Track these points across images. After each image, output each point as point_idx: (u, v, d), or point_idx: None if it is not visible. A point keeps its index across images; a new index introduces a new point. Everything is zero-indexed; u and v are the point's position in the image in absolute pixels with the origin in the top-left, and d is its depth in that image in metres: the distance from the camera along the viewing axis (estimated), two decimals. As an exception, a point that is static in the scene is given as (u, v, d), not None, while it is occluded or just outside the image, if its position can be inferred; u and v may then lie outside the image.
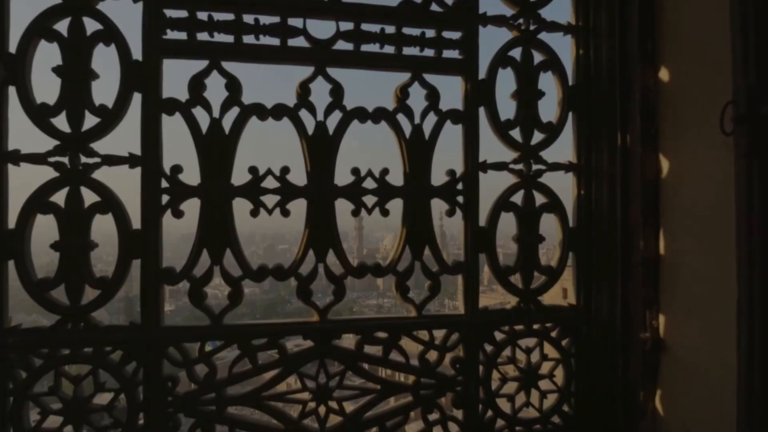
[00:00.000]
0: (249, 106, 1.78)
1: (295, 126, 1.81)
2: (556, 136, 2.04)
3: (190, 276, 1.75)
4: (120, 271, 1.70)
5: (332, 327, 1.82)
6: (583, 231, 2.06)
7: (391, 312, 55.22)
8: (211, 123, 1.75)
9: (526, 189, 2.01)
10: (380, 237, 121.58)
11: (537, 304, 2.03)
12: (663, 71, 1.80)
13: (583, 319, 2.06)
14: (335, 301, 1.85)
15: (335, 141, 1.83)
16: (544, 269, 2.03)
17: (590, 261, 2.06)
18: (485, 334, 1.96)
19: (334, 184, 1.82)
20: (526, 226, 2.01)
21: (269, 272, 1.79)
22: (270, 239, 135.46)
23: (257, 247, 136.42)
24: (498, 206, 1.97)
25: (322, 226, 1.82)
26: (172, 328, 1.75)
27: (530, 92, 2.00)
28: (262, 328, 1.80)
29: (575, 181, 2.09)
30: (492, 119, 1.97)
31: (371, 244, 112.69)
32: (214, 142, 1.75)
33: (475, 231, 1.94)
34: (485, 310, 1.97)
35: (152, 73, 1.71)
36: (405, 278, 1.90)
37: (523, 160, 2.00)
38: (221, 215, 1.75)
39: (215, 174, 1.74)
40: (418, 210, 1.90)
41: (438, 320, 1.93)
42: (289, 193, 1.80)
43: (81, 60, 1.67)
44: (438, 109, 1.91)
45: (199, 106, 1.75)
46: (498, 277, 1.98)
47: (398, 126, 1.88)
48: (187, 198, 1.74)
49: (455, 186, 1.94)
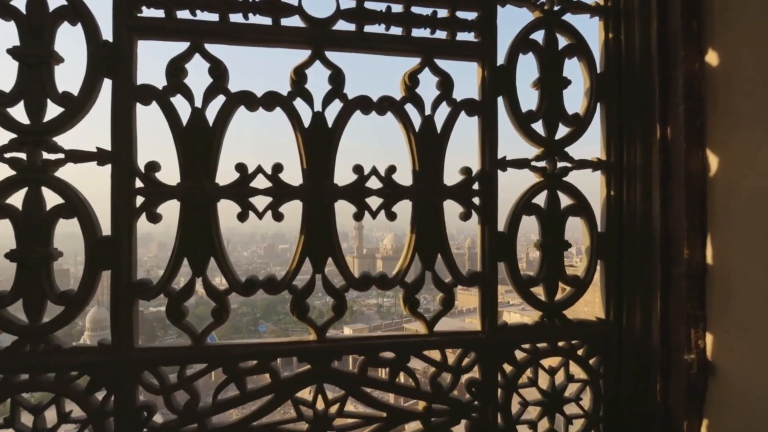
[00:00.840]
0: (236, 94, 1.54)
1: (289, 117, 1.57)
2: (583, 129, 1.80)
3: (168, 290, 1.51)
4: (87, 285, 1.46)
5: (331, 347, 1.58)
6: (614, 236, 1.82)
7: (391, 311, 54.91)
8: (193, 113, 1.51)
9: (550, 189, 1.77)
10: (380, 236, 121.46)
11: (562, 319, 1.79)
12: (711, 54, 1.55)
13: (613, 336, 1.82)
14: (335, 318, 1.61)
15: (335, 134, 1.59)
16: (570, 279, 1.79)
17: (621, 270, 1.82)
18: (505, 353, 1.72)
19: (333, 183, 1.58)
20: (550, 231, 1.77)
21: (259, 285, 1.55)
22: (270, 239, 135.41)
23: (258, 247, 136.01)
24: (519, 208, 1.73)
25: (320, 231, 1.58)
26: (147, 349, 1.50)
27: (554, 80, 1.76)
28: (250, 348, 1.55)
29: (604, 180, 1.85)
30: (512, 110, 1.72)
31: (371, 243, 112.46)
32: (196, 136, 1.51)
33: (493, 236, 1.70)
34: (505, 326, 1.73)
35: (124, 56, 1.47)
36: (414, 291, 1.66)
37: (546, 157, 1.76)
38: (204, 219, 1.51)
39: (197, 172, 1.51)
40: (429, 213, 1.66)
41: (452, 338, 1.69)
42: (282, 193, 1.56)
43: (42, 41, 1.43)
44: (451, 99, 1.67)
45: (178, 94, 1.52)
46: (519, 288, 1.74)
47: (406, 117, 1.64)
48: (164, 200, 1.50)
49: (471, 186, 1.70)
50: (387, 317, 50.91)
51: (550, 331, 1.77)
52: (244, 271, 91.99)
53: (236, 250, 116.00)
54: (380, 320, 44.89)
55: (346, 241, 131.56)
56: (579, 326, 1.81)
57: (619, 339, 1.81)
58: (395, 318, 48.00)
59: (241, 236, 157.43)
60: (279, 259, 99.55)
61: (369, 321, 44.43)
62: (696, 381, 1.56)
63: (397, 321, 41.91)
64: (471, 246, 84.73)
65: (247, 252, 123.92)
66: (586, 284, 1.81)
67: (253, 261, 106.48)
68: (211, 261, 1.54)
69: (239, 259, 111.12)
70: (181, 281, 1.58)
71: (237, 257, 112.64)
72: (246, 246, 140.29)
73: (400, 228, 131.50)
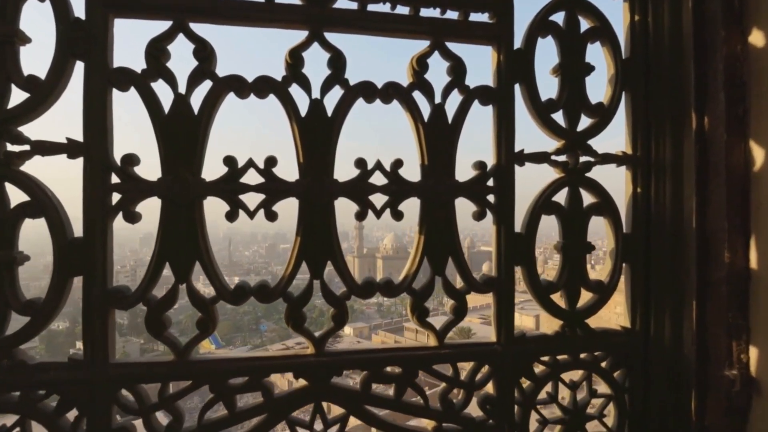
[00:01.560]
0: (224, 78, 1.36)
1: (283, 105, 1.39)
2: (607, 120, 1.61)
3: (148, 298, 1.33)
4: (55, 292, 1.28)
5: (331, 362, 1.40)
6: (640, 238, 1.64)
7: (391, 310, 54.67)
8: (176, 100, 1.33)
9: (571, 186, 1.59)
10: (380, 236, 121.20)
11: (584, 329, 1.61)
12: (755, 35, 1.37)
13: (639, 347, 1.64)
14: (335, 328, 1.43)
15: (335, 124, 1.41)
16: (593, 285, 1.61)
17: (648, 275, 1.64)
18: (522, 366, 1.54)
19: (333, 179, 1.40)
20: (572, 232, 1.59)
21: (250, 293, 1.37)
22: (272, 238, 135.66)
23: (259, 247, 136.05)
24: (538, 207, 1.55)
25: (319, 232, 1.40)
26: (124, 364, 1.32)
27: (576, 66, 1.58)
28: (240, 363, 1.37)
29: (630, 176, 1.67)
30: (530, 99, 1.54)
31: (371, 243, 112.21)
32: (179, 125, 1.33)
33: (510, 238, 1.52)
34: (522, 336, 1.55)
35: (98, 35, 1.29)
36: (423, 298, 1.48)
37: (568, 150, 1.58)
38: (188, 219, 1.33)
39: (181, 166, 1.32)
40: (439, 212, 1.48)
41: (464, 351, 1.51)
42: (276, 190, 1.38)
43: (4, 18, 1.25)
44: (464, 86, 1.49)
45: (160, 78, 1.34)
46: (537, 295, 1.56)
47: (414, 106, 1.46)
48: (144, 197, 1.33)
49: (485, 182, 1.52)
50: (387, 316, 50.75)
51: (571, 341, 1.59)
52: (245, 270, 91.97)
53: (238, 250, 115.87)
54: (380, 319, 44.70)
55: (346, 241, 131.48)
56: (602, 336, 1.63)
57: (646, 350, 1.63)
58: (395, 317, 47.85)
59: (242, 236, 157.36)
60: (280, 259, 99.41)
61: (369, 320, 44.27)
62: (738, 399, 1.38)
63: (397, 320, 41.79)
64: (470, 246, 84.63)
65: (249, 251, 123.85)
66: (611, 290, 1.63)
67: (254, 260, 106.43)
68: (196, 266, 1.36)
69: (241, 258, 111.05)
70: (163, 288, 1.40)
71: (239, 257, 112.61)
72: (247, 246, 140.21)
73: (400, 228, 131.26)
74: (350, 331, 39.27)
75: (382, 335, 40.54)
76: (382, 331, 41.38)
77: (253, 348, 43.64)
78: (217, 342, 46.23)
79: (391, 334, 40.02)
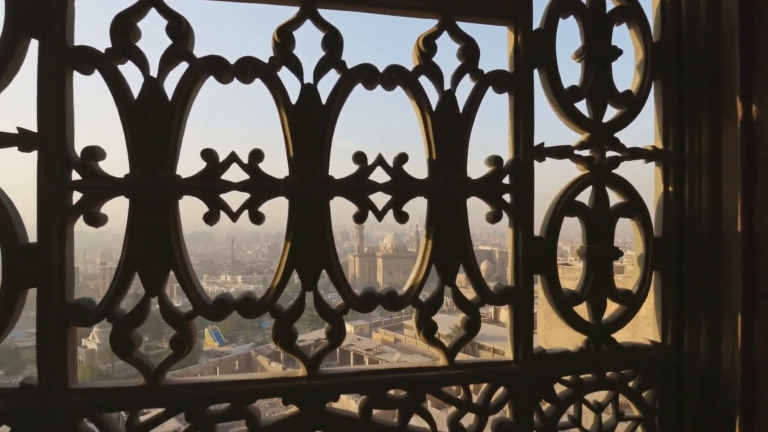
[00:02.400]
0: (203, 60, 1.15)
1: (271, 91, 1.19)
2: (636, 110, 1.41)
3: (113, 313, 1.12)
4: (5, 307, 1.07)
5: (326, 385, 1.20)
6: (673, 242, 1.44)
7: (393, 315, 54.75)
8: (147, 85, 1.13)
9: (596, 184, 1.39)
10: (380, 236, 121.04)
11: (611, 344, 1.41)
12: (814, 9, 1.17)
13: (671, 364, 1.43)
14: (331, 346, 1.23)
15: (330, 113, 1.20)
16: (620, 295, 1.41)
17: (682, 283, 1.43)
18: (542, 387, 1.34)
19: (328, 176, 1.20)
20: (597, 236, 1.39)
21: (232, 306, 1.16)
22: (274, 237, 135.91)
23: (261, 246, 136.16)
24: (560, 208, 1.35)
25: (312, 236, 1.20)
26: (86, 390, 1.12)
27: (602, 50, 1.38)
28: (221, 388, 1.17)
29: (660, 173, 1.46)
30: (551, 85, 1.34)
31: (371, 242, 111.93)
32: (150, 114, 1.13)
33: (529, 242, 1.31)
34: (542, 353, 1.35)
35: (56, 9, 1.09)
36: (430, 311, 1.28)
37: (593, 144, 1.38)
38: (161, 221, 1.13)
39: (152, 161, 1.12)
40: (449, 213, 1.27)
41: (477, 371, 1.30)
42: (262, 188, 1.17)
43: (-55, -12, 1.05)
44: (477, 70, 1.29)
45: (128, 59, 1.13)
46: (559, 307, 1.36)
47: (421, 93, 1.26)
48: (109, 196, 1.12)
49: (501, 179, 1.32)
50: (387, 314, 50.46)
51: (596, 359, 1.39)
52: (248, 269, 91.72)
53: (240, 249, 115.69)
54: (380, 317, 44.43)
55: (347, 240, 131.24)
56: (631, 352, 1.43)
57: (679, 368, 1.43)
58: (395, 315, 47.56)
59: (245, 235, 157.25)
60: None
61: (369, 318, 43.96)
62: (793, 429, 1.18)
63: (396, 318, 41.54)
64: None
65: (251, 251, 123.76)
66: (640, 301, 1.42)
67: (257, 259, 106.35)
68: (170, 275, 1.16)
69: (243, 257, 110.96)
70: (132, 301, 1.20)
71: (241, 256, 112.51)
72: (250, 245, 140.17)
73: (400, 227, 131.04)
74: (351, 328, 39.05)
75: (383, 333, 40.31)
76: (382, 329, 41.15)
77: (256, 345, 43.44)
78: (220, 339, 46.00)
79: (391, 332, 39.79)
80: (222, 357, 39.98)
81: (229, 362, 38.80)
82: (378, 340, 39.40)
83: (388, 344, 38.04)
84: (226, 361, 38.88)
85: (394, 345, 37.86)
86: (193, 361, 38.44)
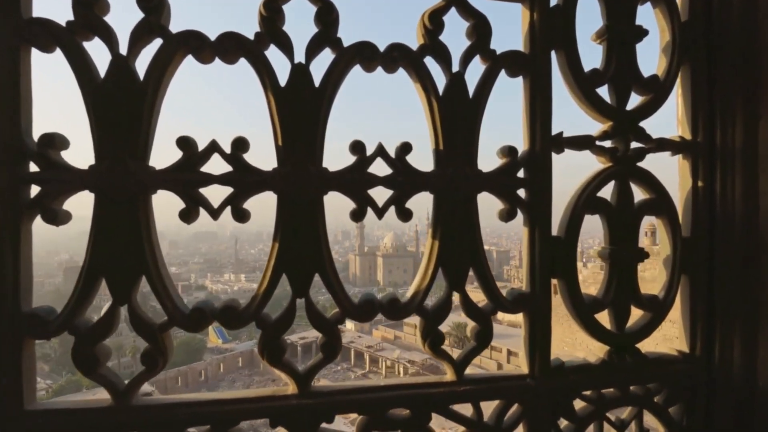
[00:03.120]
0: (178, 36, 0.99)
1: (257, 72, 1.02)
2: (663, 97, 1.25)
3: (75, 324, 0.96)
4: (-50, 317, 0.91)
5: (318, 405, 1.03)
6: (703, 243, 1.27)
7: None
8: (114, 63, 0.96)
9: (620, 178, 1.22)
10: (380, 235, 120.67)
11: (635, 355, 1.24)
12: None
13: (701, 377, 1.27)
14: (324, 361, 1.06)
15: (324, 97, 1.04)
16: (645, 301, 1.24)
17: (713, 288, 1.27)
18: (561, 404, 1.18)
19: (322, 168, 1.04)
20: (621, 236, 1.22)
21: (212, 316, 1.00)
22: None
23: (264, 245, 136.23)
24: (580, 204, 1.18)
25: (303, 236, 1.03)
26: (44, 411, 0.96)
27: (625, 30, 1.22)
28: (200, 409, 1.00)
29: (688, 166, 1.30)
30: (570, 68, 1.18)
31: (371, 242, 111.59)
32: (118, 96, 0.96)
33: (546, 243, 1.15)
34: (561, 367, 1.18)
35: (9, -24, 0.92)
36: (437, 320, 1.11)
37: (616, 134, 1.21)
38: (130, 218, 0.97)
39: (120, 150, 0.96)
40: (458, 210, 1.11)
41: (488, 387, 1.14)
42: (247, 182, 1.01)
43: None
44: (488, 51, 1.13)
45: (94, 35, 0.97)
46: (579, 314, 1.19)
47: (426, 75, 1.09)
48: (71, 190, 0.96)
49: (515, 172, 1.15)
50: (387, 312, 50.01)
51: (620, 371, 1.22)
52: (251, 268, 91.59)
53: (243, 248, 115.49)
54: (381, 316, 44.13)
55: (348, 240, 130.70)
56: (657, 364, 1.26)
57: (709, 381, 1.27)
58: (395, 313, 47.16)
59: (248, 235, 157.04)
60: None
61: (370, 316, 43.57)
62: None
63: (397, 316, 41.21)
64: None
65: (255, 250, 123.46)
66: (667, 307, 1.26)
67: (260, 258, 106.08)
68: (143, 281, 0.99)
69: (247, 256, 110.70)
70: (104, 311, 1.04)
71: (245, 255, 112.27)
72: (253, 244, 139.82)
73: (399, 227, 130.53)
74: (351, 326, 38.86)
75: (383, 330, 40.12)
76: (382, 326, 40.95)
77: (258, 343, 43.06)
78: (224, 336, 45.75)
79: (391, 329, 39.58)
80: (226, 354, 39.76)
81: (233, 359, 38.60)
82: (378, 338, 39.22)
83: (388, 341, 37.88)
84: (229, 357, 38.66)
85: (393, 342, 37.71)
86: (197, 357, 38.24)
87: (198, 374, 35.71)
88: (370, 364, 35.08)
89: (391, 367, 33.15)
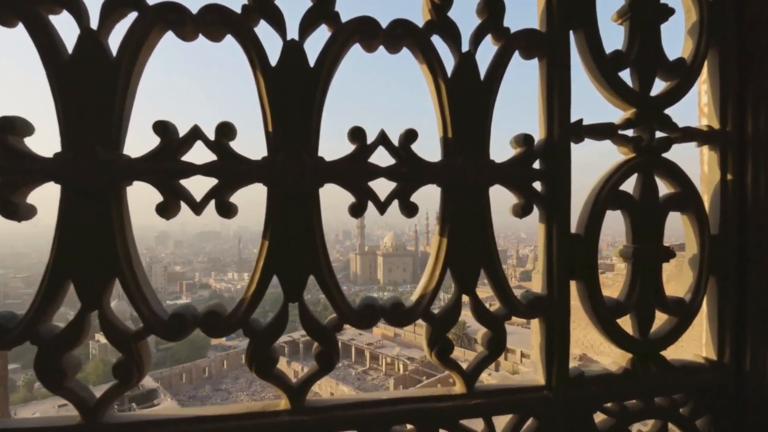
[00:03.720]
0: (155, 8, 0.86)
1: (245, 49, 0.90)
2: (689, 82, 1.12)
3: (38, 332, 0.83)
4: None
5: (313, 421, 0.91)
6: (732, 241, 1.15)
7: (392, 305, 55.01)
8: (83, 38, 0.83)
9: (644, 170, 1.10)
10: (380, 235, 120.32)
11: (660, 364, 1.12)
12: None
13: (730, 386, 1.14)
14: (321, 372, 0.93)
15: (320, 79, 0.91)
16: (670, 305, 1.12)
17: (744, 291, 1.14)
18: (580, 417, 1.05)
19: (318, 157, 0.91)
20: (645, 233, 1.10)
21: (193, 323, 0.87)
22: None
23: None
24: (602, 199, 1.06)
25: (296, 233, 0.91)
26: (6, 430, 0.83)
27: (650, 9, 1.09)
28: (179, 427, 0.87)
29: (716, 158, 1.17)
30: (590, 50, 1.05)
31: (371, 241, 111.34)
32: (88, 76, 0.83)
33: (565, 242, 1.02)
34: (580, 376, 1.05)
35: (-36, -61, 0.80)
36: (445, 326, 0.99)
37: (640, 122, 1.09)
38: (101, 214, 0.84)
39: (89, 137, 0.83)
40: (468, 204, 0.98)
41: (501, 399, 1.01)
42: (234, 172, 0.88)
43: None
44: (502, 29, 1.00)
45: (62, 8, 0.84)
46: (600, 319, 1.07)
47: (434, 55, 0.96)
48: (34, 182, 0.83)
49: (530, 163, 1.03)
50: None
51: (643, 381, 1.10)
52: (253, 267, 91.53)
53: (247, 248, 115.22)
54: (381, 314, 43.88)
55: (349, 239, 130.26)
56: (682, 373, 1.13)
57: (739, 391, 1.14)
58: (395, 311, 47.02)
59: (251, 234, 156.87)
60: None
61: (370, 313, 43.42)
62: None
63: (396, 314, 41.06)
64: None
65: (257, 249, 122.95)
66: (695, 311, 1.13)
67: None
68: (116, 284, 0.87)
69: (250, 255, 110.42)
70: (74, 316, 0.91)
71: (248, 254, 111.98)
72: (256, 243, 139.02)
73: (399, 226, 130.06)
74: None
75: (383, 327, 39.94)
76: (382, 324, 40.69)
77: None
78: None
79: (391, 327, 39.37)
80: (229, 351, 39.58)
81: (236, 356, 38.39)
82: (378, 335, 39.06)
83: (388, 339, 37.71)
84: (233, 354, 38.47)
85: (393, 340, 37.54)
86: (201, 354, 38.08)
87: (202, 371, 35.59)
88: (371, 361, 34.95)
89: (391, 364, 33.03)
